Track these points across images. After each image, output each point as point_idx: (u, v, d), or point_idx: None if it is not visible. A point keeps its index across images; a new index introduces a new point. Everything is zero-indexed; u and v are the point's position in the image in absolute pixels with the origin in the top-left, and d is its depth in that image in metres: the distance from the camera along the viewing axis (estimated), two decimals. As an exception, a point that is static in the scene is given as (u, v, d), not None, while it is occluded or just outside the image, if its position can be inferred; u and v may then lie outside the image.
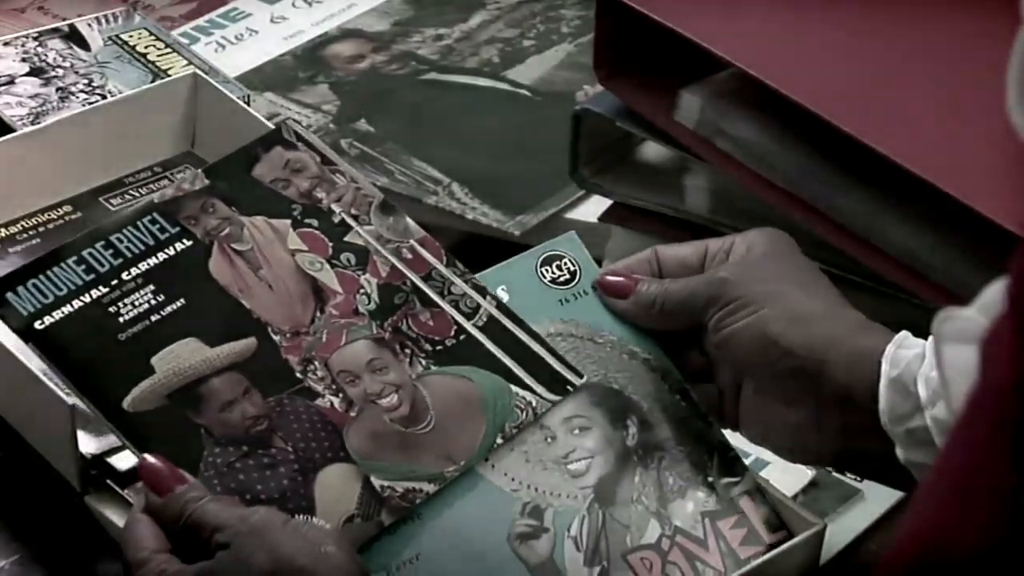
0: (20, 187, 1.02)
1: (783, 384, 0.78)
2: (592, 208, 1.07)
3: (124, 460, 0.87)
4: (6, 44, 1.20)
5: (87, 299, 0.81)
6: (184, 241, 0.84)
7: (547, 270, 0.84)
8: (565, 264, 0.85)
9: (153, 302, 0.82)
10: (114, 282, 0.82)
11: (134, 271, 0.83)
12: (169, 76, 1.15)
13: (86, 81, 1.16)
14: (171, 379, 0.79)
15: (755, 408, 0.79)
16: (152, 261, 0.83)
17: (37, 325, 0.80)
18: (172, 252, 0.84)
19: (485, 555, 0.75)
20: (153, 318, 0.81)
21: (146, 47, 1.20)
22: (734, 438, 0.83)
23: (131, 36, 1.21)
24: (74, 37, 1.21)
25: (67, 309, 0.81)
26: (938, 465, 0.54)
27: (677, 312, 0.81)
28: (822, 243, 0.90)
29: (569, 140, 1.00)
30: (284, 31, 1.28)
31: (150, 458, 0.75)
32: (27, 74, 1.17)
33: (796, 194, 0.91)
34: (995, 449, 0.49)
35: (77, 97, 1.14)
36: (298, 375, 0.80)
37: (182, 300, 0.82)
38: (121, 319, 0.81)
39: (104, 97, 1.14)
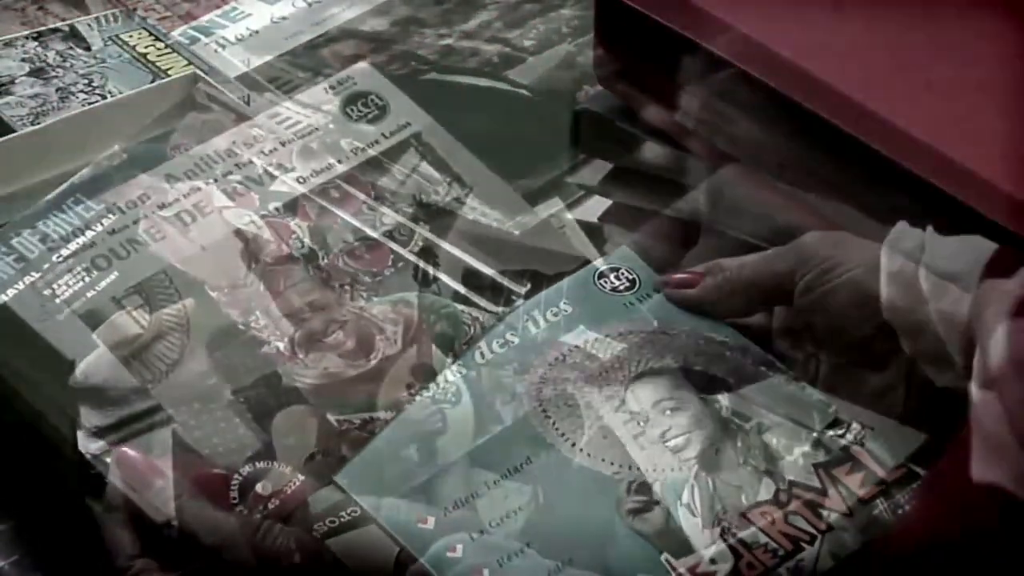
0: (20, 187, 1.02)
1: (875, 343, 0.78)
2: (592, 208, 1.07)
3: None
4: (6, 44, 1.20)
5: (21, 286, 0.83)
6: (110, 216, 0.86)
7: (605, 282, 0.84)
8: (623, 274, 0.85)
9: (87, 279, 0.83)
10: (46, 266, 0.84)
11: (64, 252, 0.84)
12: (169, 76, 1.15)
13: (86, 81, 1.16)
14: (114, 350, 0.80)
15: (835, 378, 0.80)
16: (81, 240, 0.85)
17: None
18: (99, 228, 0.85)
19: (601, 534, 0.75)
20: (89, 294, 0.82)
21: (146, 47, 1.20)
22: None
23: (131, 36, 1.21)
24: (74, 37, 1.21)
25: (2, 299, 0.83)
26: (953, 443, 0.54)
27: (757, 281, 0.81)
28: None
29: (569, 140, 1.00)
30: (284, 31, 1.28)
31: (129, 451, 0.75)
32: (27, 74, 1.17)
33: (796, 194, 0.91)
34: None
35: (77, 97, 1.14)
36: (240, 327, 0.81)
37: (116, 273, 0.84)
38: (58, 300, 0.82)
39: (104, 97, 1.14)
